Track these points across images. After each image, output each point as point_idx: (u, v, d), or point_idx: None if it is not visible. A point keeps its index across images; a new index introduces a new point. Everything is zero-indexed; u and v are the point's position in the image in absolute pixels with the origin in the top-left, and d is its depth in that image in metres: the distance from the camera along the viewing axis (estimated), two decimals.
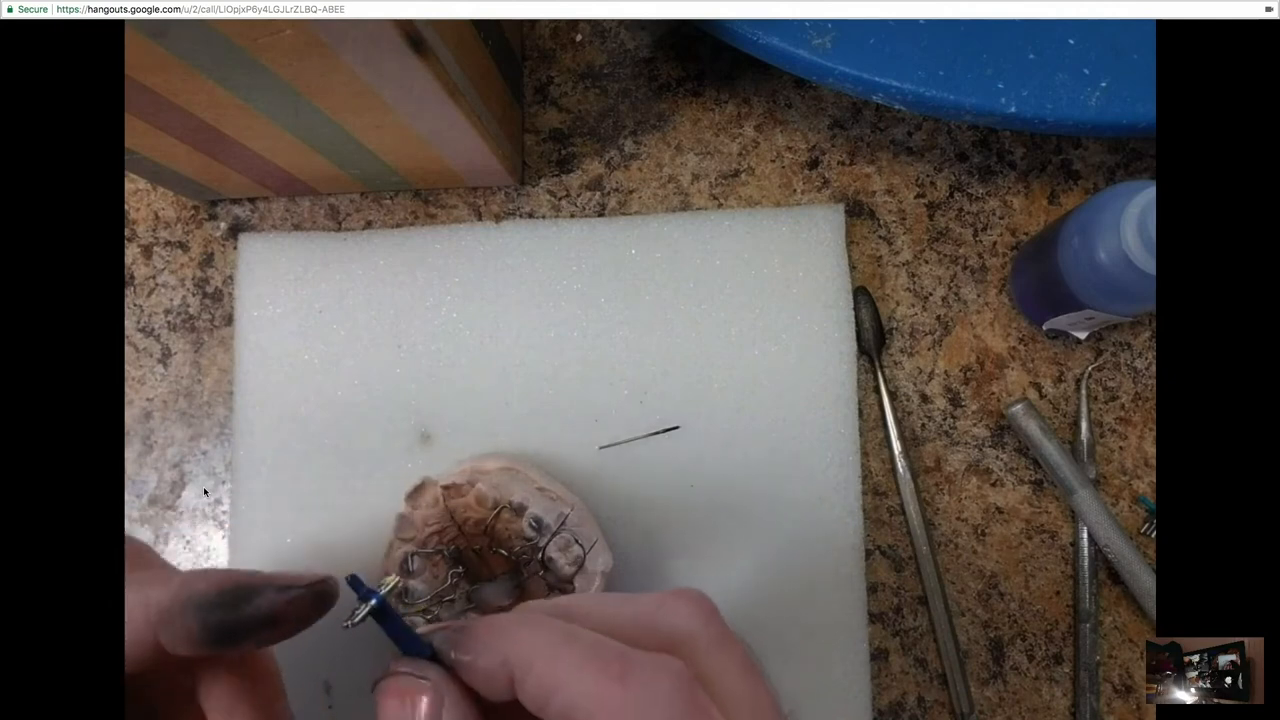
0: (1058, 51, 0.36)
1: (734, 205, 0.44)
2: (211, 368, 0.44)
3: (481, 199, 0.45)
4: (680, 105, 0.45)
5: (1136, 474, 0.42)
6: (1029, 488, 0.42)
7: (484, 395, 0.42)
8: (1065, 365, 0.42)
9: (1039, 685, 0.41)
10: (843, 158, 0.44)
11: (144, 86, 0.31)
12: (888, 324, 0.43)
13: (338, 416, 0.42)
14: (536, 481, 0.38)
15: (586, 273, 0.43)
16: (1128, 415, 0.42)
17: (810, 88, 0.45)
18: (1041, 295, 0.40)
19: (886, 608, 0.41)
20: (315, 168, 0.40)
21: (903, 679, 0.41)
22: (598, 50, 0.46)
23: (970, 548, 0.42)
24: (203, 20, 0.26)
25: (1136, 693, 0.40)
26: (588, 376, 0.42)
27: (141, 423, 0.44)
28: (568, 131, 0.45)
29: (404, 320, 0.43)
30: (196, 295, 0.45)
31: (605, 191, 0.45)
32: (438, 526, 0.37)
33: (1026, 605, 0.41)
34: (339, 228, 0.45)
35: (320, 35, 0.27)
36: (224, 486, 0.43)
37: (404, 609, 0.36)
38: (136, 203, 0.46)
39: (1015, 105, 0.35)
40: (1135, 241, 0.32)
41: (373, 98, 0.32)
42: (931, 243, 0.44)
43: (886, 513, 0.42)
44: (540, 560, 0.36)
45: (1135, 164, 0.44)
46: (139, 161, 0.38)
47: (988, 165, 0.44)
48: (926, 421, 0.42)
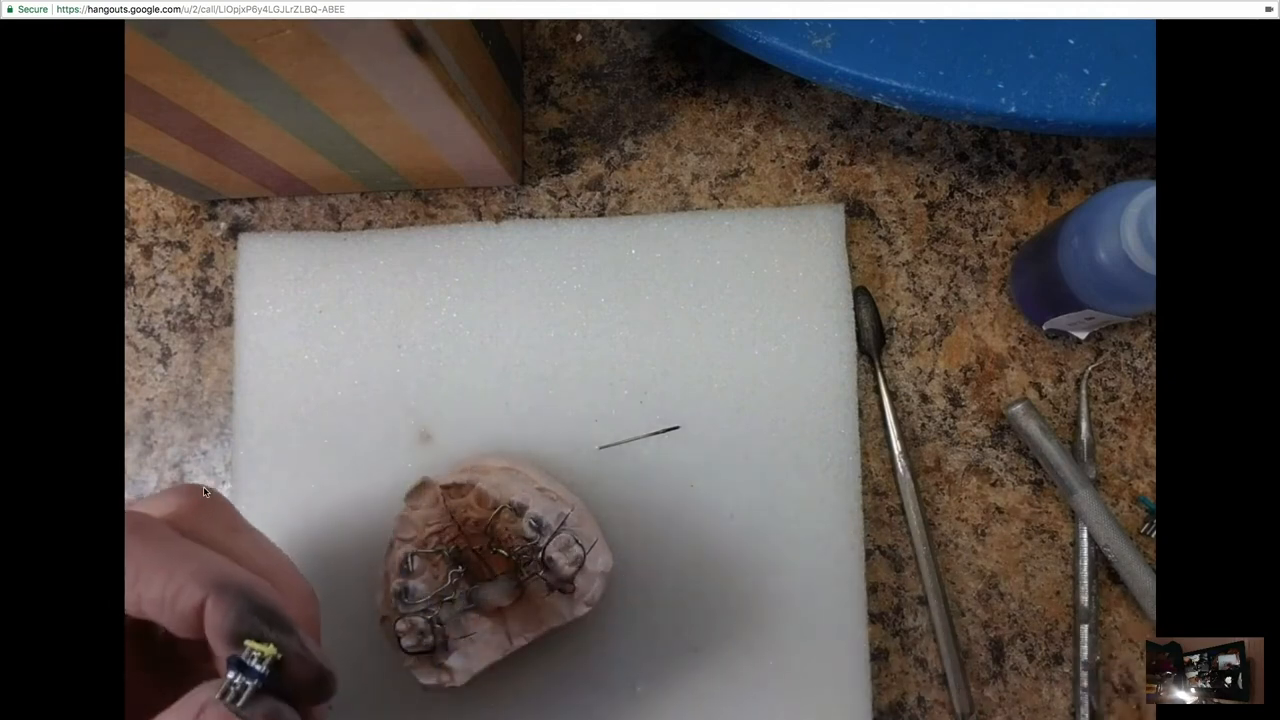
0: (1058, 51, 0.36)
1: (734, 205, 0.44)
2: (211, 368, 0.44)
3: (481, 199, 0.45)
4: (680, 105, 0.45)
5: (1136, 474, 0.42)
6: (1029, 488, 0.42)
7: (484, 395, 0.42)
8: (1065, 365, 0.42)
9: (1039, 685, 0.41)
10: (843, 158, 0.44)
11: (144, 86, 0.31)
12: (888, 324, 0.43)
13: (338, 417, 0.42)
14: (536, 481, 0.38)
15: (586, 273, 0.43)
16: (1128, 415, 0.42)
17: (810, 88, 0.45)
18: (1041, 295, 0.40)
19: (886, 608, 0.41)
20: (315, 168, 0.40)
21: (903, 679, 0.41)
22: (598, 50, 0.46)
23: (970, 548, 0.42)
24: (203, 20, 0.26)
25: (1136, 693, 0.40)
26: (588, 376, 0.42)
27: (141, 423, 0.44)
28: (568, 131, 0.45)
29: (404, 320, 0.43)
30: (196, 295, 0.45)
31: (605, 191, 0.45)
32: (438, 526, 0.37)
33: (1026, 605, 0.41)
34: (339, 228, 0.45)
35: (320, 35, 0.27)
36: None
37: (404, 609, 0.36)
38: (136, 203, 0.46)
39: (1015, 105, 0.35)
40: (1135, 241, 0.32)
41: (373, 98, 0.32)
42: (931, 243, 0.44)
43: (886, 513, 0.42)
44: (540, 560, 0.36)
45: (1135, 164, 0.44)
46: (139, 161, 0.38)
47: (988, 165, 0.44)
48: (926, 421, 0.42)
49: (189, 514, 0.27)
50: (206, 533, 0.27)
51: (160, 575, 0.24)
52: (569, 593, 0.36)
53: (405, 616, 0.36)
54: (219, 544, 0.26)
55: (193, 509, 0.28)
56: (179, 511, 0.27)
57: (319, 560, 0.41)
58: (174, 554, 0.24)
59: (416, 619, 0.35)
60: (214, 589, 0.24)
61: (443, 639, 0.36)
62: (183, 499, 0.28)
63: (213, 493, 0.29)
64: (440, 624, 0.36)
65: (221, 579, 0.24)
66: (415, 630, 0.35)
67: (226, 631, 0.23)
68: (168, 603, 0.24)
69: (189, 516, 0.27)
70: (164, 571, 0.24)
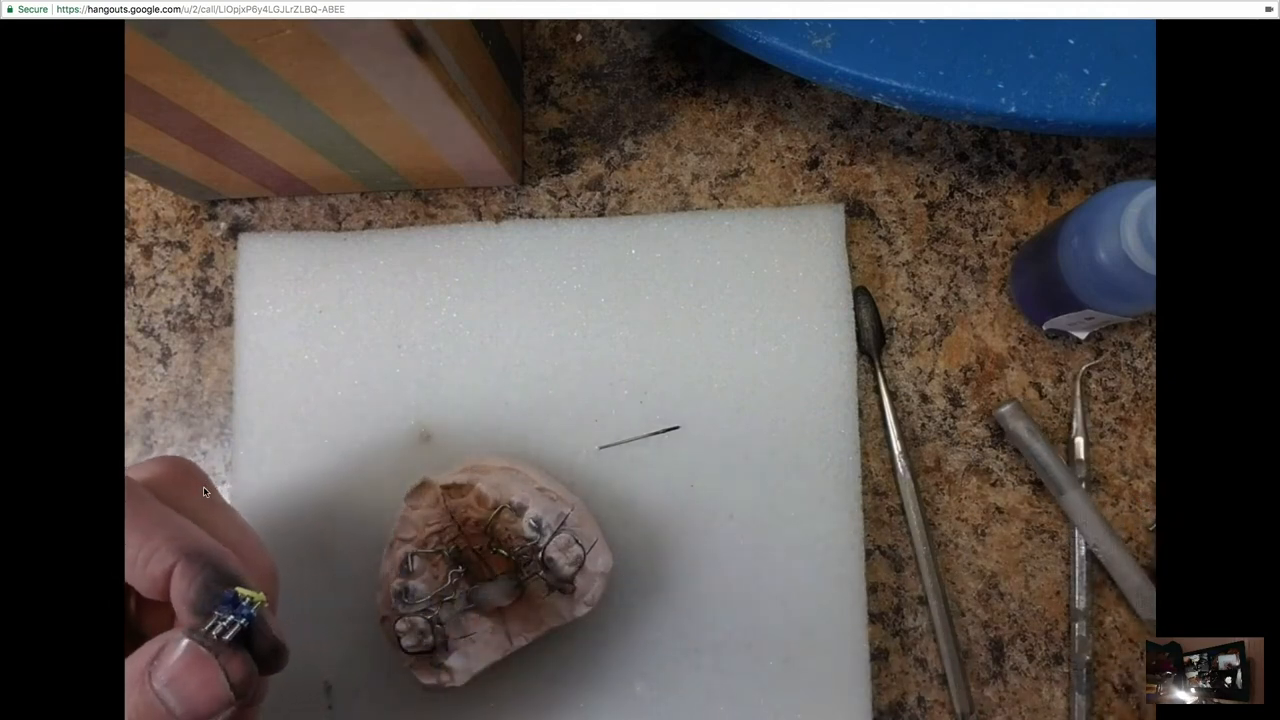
0: (1058, 51, 0.36)
1: (734, 205, 0.44)
2: (211, 368, 0.44)
3: (481, 199, 0.45)
4: (680, 105, 0.45)
5: (1136, 474, 0.42)
6: (1029, 488, 0.42)
7: (484, 395, 0.42)
8: (1065, 365, 0.42)
9: (1039, 685, 0.41)
10: (843, 158, 0.44)
11: (144, 86, 0.31)
12: (888, 324, 0.43)
13: (338, 416, 0.42)
14: (536, 481, 0.38)
15: (586, 273, 0.43)
16: (1128, 415, 0.42)
17: (810, 88, 0.45)
18: (1041, 295, 0.40)
19: (886, 608, 0.41)
20: (315, 168, 0.40)
21: (903, 679, 0.41)
22: (598, 50, 0.46)
23: (970, 548, 0.42)
24: (203, 20, 0.26)
25: (1136, 693, 0.40)
26: (588, 376, 0.42)
27: (141, 423, 0.44)
28: (568, 131, 0.45)
29: (404, 320, 0.43)
30: (196, 295, 0.45)
31: (605, 191, 0.45)
32: (438, 526, 0.37)
33: (1026, 605, 0.41)
34: (339, 228, 0.45)
35: (320, 35, 0.27)
36: (224, 486, 0.43)
37: (404, 609, 0.36)
38: (136, 203, 0.46)
39: (1015, 105, 0.35)
40: (1135, 241, 0.32)
41: (373, 98, 0.32)
42: (931, 243, 0.44)
43: (886, 513, 0.42)
44: (540, 560, 0.36)
45: (1135, 164, 0.44)
46: (139, 161, 0.38)
47: (988, 165, 0.44)
48: (926, 421, 0.42)
49: (168, 481, 0.28)
50: (183, 501, 0.28)
51: (135, 537, 0.25)
52: (569, 593, 0.36)
53: (405, 616, 0.36)
54: (194, 513, 0.27)
55: (171, 477, 0.29)
56: (158, 478, 0.28)
57: (319, 560, 0.41)
58: (150, 517, 0.25)
59: (416, 619, 0.35)
60: (184, 555, 0.25)
61: (443, 639, 0.36)
62: (164, 467, 0.29)
63: (190, 463, 0.30)
64: (440, 624, 0.36)
65: (192, 547, 0.25)
66: (415, 630, 0.35)
67: (191, 599, 0.24)
68: (139, 564, 0.25)
69: (168, 484, 0.28)
70: (139, 534, 0.25)
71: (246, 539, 0.29)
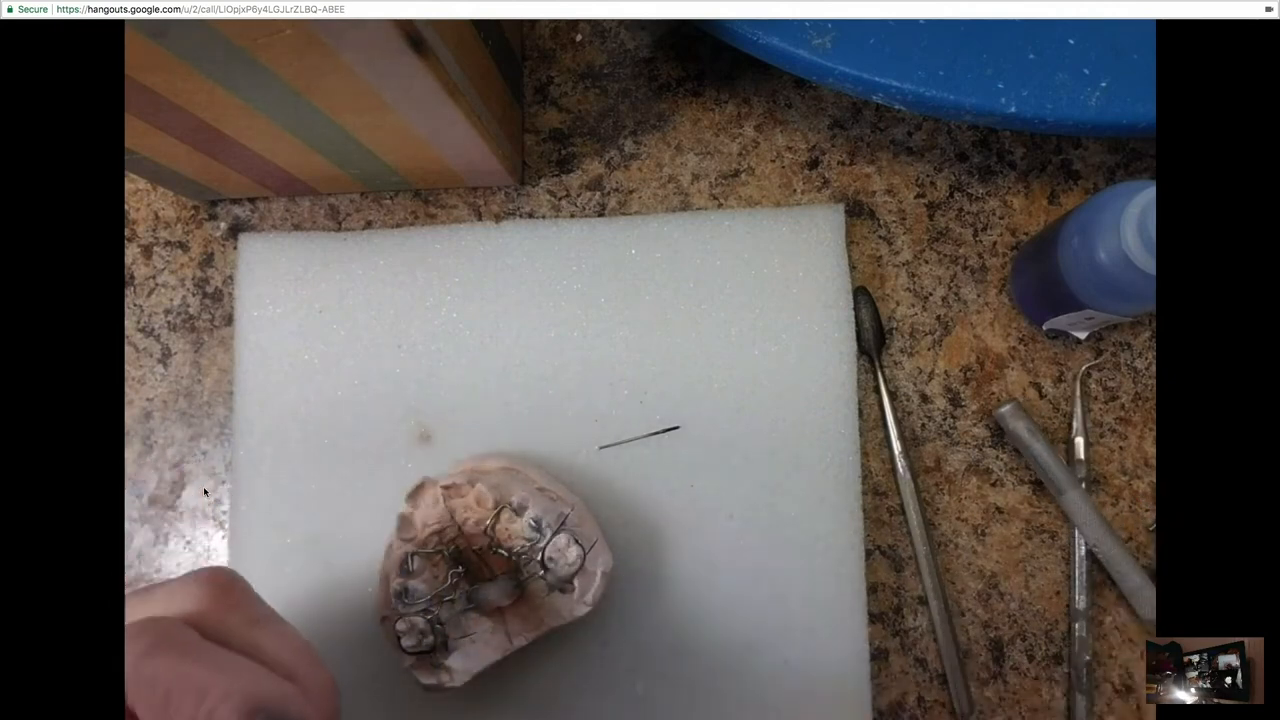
0: (1058, 51, 0.36)
1: (734, 205, 0.44)
2: (211, 368, 0.44)
3: (481, 199, 0.45)
4: (680, 105, 0.45)
5: (1136, 474, 0.42)
6: (1029, 488, 0.42)
7: (484, 395, 0.42)
8: (1065, 365, 0.42)
9: (1039, 685, 0.41)
10: (843, 158, 0.44)
11: (144, 86, 0.31)
12: (888, 324, 0.43)
13: (338, 416, 0.42)
14: (536, 481, 0.38)
15: (586, 273, 0.43)
16: (1128, 415, 0.42)
17: (810, 88, 0.45)
18: (1041, 295, 0.40)
19: (886, 608, 0.41)
20: (315, 168, 0.40)
21: (903, 679, 0.41)
22: (598, 50, 0.46)
23: (970, 548, 0.42)
24: (203, 20, 0.26)
25: (1136, 693, 0.40)
26: (588, 376, 0.42)
27: (141, 423, 0.44)
28: (568, 131, 0.45)
29: (404, 320, 0.43)
30: (196, 295, 0.45)
31: (605, 191, 0.45)
32: (438, 526, 0.37)
33: (1026, 605, 0.41)
34: (339, 228, 0.45)
35: (320, 35, 0.27)
36: (224, 486, 0.43)
37: (404, 609, 0.36)
38: (136, 203, 0.46)
39: (1015, 105, 0.35)
40: (1135, 241, 0.32)
41: (373, 98, 0.32)
42: (931, 243, 0.44)
43: (886, 513, 0.42)
44: (540, 560, 0.36)
45: (1135, 164, 0.44)
46: (139, 161, 0.38)
47: (988, 165, 0.44)
48: (926, 421, 0.42)
49: (210, 609, 0.26)
50: (229, 628, 0.26)
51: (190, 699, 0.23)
52: (569, 593, 0.37)
53: (405, 616, 0.36)
54: (242, 641, 0.26)
55: (213, 602, 0.26)
56: (199, 608, 0.26)
57: (319, 560, 0.41)
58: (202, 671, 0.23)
59: (416, 619, 0.35)
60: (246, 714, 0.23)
61: (443, 639, 0.36)
62: (202, 589, 0.26)
63: (232, 576, 0.27)
64: (440, 624, 0.36)
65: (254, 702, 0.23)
66: (415, 630, 0.35)
67: None
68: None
69: (210, 612, 0.26)
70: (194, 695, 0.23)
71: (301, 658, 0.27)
